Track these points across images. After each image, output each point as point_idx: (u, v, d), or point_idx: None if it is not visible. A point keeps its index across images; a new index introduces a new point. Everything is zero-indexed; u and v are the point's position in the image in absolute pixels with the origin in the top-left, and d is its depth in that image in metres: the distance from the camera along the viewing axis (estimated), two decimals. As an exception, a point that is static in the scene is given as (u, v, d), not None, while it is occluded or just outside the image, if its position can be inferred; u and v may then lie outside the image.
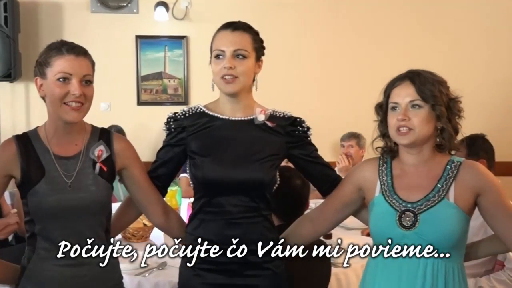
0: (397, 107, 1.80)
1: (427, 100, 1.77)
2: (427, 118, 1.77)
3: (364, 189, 1.91)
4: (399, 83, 1.82)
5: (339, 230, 3.45)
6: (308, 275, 2.36)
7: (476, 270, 2.96)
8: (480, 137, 3.19)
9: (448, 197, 1.76)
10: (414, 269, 1.75)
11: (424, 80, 1.78)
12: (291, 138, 1.98)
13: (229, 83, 1.90)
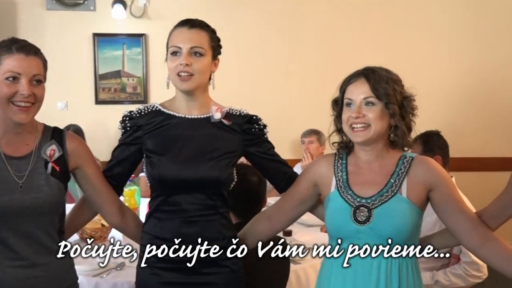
0: (351, 103, 1.83)
1: (380, 98, 1.80)
2: (380, 115, 1.80)
3: (319, 185, 1.93)
4: (355, 80, 1.84)
5: (299, 227, 3.49)
6: (266, 272, 2.37)
7: (432, 264, 3.02)
8: (435, 134, 3.25)
9: (400, 192, 1.79)
10: (369, 262, 1.77)
11: (379, 78, 1.81)
12: (248, 135, 1.98)
13: (185, 81, 1.89)
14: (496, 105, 5.58)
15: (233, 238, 1.98)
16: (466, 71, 5.54)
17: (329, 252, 1.89)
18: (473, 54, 5.56)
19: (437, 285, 2.94)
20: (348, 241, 1.81)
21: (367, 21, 5.43)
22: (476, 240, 1.79)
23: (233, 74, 5.17)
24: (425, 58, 5.47)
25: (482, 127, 5.57)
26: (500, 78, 5.57)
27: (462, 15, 5.55)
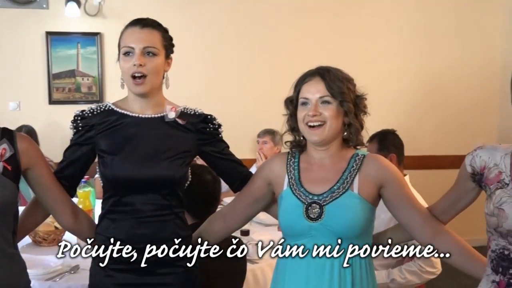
0: (307, 102, 1.84)
1: (336, 96, 1.82)
2: (336, 113, 1.83)
3: (273, 184, 1.94)
4: (310, 79, 1.86)
5: (257, 226, 3.50)
6: (223, 271, 2.36)
7: (387, 261, 3.06)
8: (390, 133, 3.31)
9: (352, 188, 1.82)
10: (322, 263, 1.79)
11: (333, 76, 1.83)
12: (202, 135, 1.98)
13: (139, 85, 1.88)
14: (449, 104, 5.73)
15: (188, 238, 1.97)
16: (420, 71, 5.67)
17: (281, 250, 1.90)
18: (426, 55, 5.70)
19: (393, 283, 2.98)
20: (301, 238, 1.82)
21: (322, 22, 5.49)
22: (428, 234, 1.83)
23: (192, 74, 5.18)
24: (380, 58, 5.57)
25: (436, 126, 5.71)
26: (452, 77, 5.72)
27: (414, 16, 5.68)
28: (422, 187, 3.18)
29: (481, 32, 5.80)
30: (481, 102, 5.76)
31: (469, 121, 5.76)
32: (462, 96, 5.74)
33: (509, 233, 1.57)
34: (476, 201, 1.81)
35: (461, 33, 5.75)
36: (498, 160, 1.66)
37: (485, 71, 5.70)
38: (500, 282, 1.61)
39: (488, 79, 5.71)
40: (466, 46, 5.76)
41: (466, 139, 5.39)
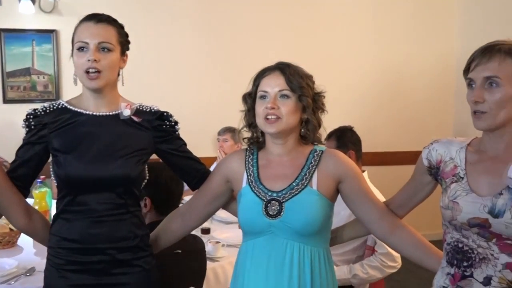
0: (266, 96, 1.84)
1: (295, 90, 1.82)
2: (294, 108, 1.83)
3: (232, 181, 1.93)
4: (269, 73, 1.85)
5: (217, 224, 3.49)
6: (183, 270, 2.35)
7: (348, 256, 3.09)
8: (348, 130, 3.34)
9: (311, 184, 1.82)
10: (281, 255, 1.79)
11: (293, 71, 1.84)
12: (159, 132, 1.95)
13: (93, 79, 1.84)
14: (406, 100, 5.84)
15: (145, 237, 1.94)
16: (377, 68, 5.76)
17: (241, 248, 1.90)
18: (382, 52, 5.78)
19: (355, 279, 3.00)
20: (261, 235, 1.81)
21: (280, 19, 5.50)
22: (385, 229, 1.86)
23: (150, 71, 5.12)
24: (337, 55, 5.62)
25: (393, 123, 5.79)
26: (408, 74, 5.83)
27: (371, 13, 5.76)
28: (380, 183, 3.21)
29: (437, 28, 5.92)
30: (437, 97, 5.87)
31: (426, 117, 5.87)
32: (418, 92, 5.85)
33: (463, 226, 1.60)
34: (433, 195, 1.84)
35: (417, 29, 5.86)
36: (454, 154, 1.69)
37: (441, 66, 5.82)
38: (454, 275, 1.63)
39: (443, 75, 5.83)
40: (422, 42, 5.87)
41: (422, 135, 5.47)
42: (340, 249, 2.98)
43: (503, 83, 1.53)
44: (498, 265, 1.55)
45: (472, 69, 1.59)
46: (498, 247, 1.55)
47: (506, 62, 1.54)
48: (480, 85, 1.57)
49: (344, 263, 3.05)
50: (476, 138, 1.70)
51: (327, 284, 1.84)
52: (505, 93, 1.54)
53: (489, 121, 1.56)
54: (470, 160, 1.65)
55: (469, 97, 1.60)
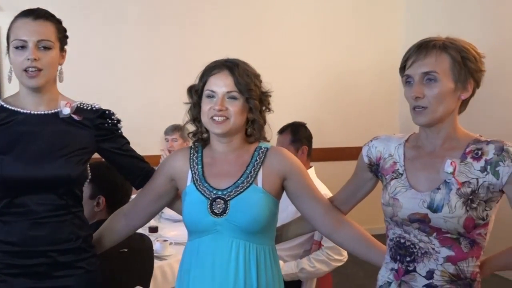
0: (213, 95, 1.81)
1: (243, 92, 1.81)
2: (241, 109, 1.82)
3: (176, 179, 1.91)
4: (218, 71, 1.82)
5: (166, 223, 3.47)
6: (128, 269, 2.32)
7: (295, 251, 3.12)
8: (302, 125, 3.39)
9: (256, 182, 1.82)
10: (227, 253, 1.78)
11: (242, 72, 1.82)
12: (100, 131, 1.91)
13: (33, 77, 1.79)
14: (353, 97, 5.93)
15: (87, 238, 1.90)
16: (323, 65, 5.82)
17: (187, 246, 1.88)
18: (329, 49, 5.86)
19: (302, 273, 3.03)
20: (206, 234, 1.81)
21: (229, 16, 5.49)
22: (330, 225, 1.87)
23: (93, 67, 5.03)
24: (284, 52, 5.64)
25: (340, 119, 5.89)
26: (355, 71, 5.91)
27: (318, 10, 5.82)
28: (328, 179, 3.26)
29: (382, 25, 6.03)
30: (383, 93, 5.98)
31: (372, 113, 5.97)
32: (364, 88, 5.95)
33: (404, 222, 1.63)
34: (376, 191, 1.86)
35: (362, 26, 5.96)
36: (392, 150, 1.72)
37: (386, 62, 5.91)
38: (398, 270, 1.67)
39: (389, 71, 5.91)
40: (367, 39, 5.97)
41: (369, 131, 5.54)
42: (287, 244, 3.00)
43: (441, 77, 1.57)
44: (440, 258, 1.59)
45: (409, 66, 1.63)
46: (438, 241, 1.59)
47: (442, 57, 1.58)
48: (419, 81, 1.60)
49: (292, 258, 3.08)
50: (414, 134, 1.74)
51: (273, 282, 1.85)
52: (443, 88, 1.57)
53: (430, 116, 1.59)
54: (408, 156, 1.69)
55: (408, 93, 1.63)
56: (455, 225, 1.55)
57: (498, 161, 1.54)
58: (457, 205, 1.55)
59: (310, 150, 3.36)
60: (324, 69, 5.81)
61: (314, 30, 5.78)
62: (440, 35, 1.65)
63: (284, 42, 5.66)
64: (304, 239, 3.08)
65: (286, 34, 5.68)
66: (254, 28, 5.57)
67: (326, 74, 5.82)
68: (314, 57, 5.78)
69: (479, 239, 1.60)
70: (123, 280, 2.29)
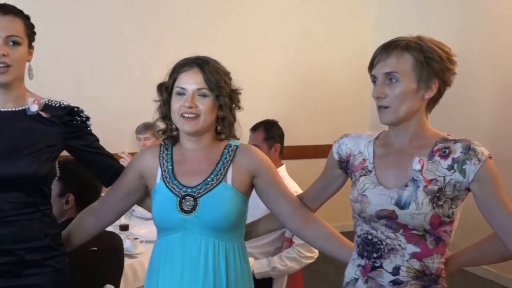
0: (184, 93, 1.81)
1: (213, 89, 1.81)
2: (212, 107, 1.82)
3: (145, 177, 1.90)
4: (188, 68, 1.82)
5: (136, 221, 3.45)
6: (98, 268, 2.31)
7: (266, 248, 3.14)
8: (275, 123, 3.43)
9: (226, 179, 1.82)
10: (196, 250, 1.79)
11: (212, 69, 1.82)
12: (69, 128, 1.89)
13: (2, 74, 1.77)
14: (324, 96, 5.98)
15: (56, 236, 1.88)
16: (295, 64, 5.85)
17: (157, 244, 1.88)
18: (302, 47, 5.89)
19: (274, 271, 3.06)
20: (175, 231, 1.81)
21: (199, 14, 5.47)
22: (298, 222, 1.89)
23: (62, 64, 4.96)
24: (256, 50, 5.66)
25: (312, 117, 5.92)
26: (326, 70, 5.96)
27: (291, 9, 5.84)
28: (299, 176, 3.28)
29: (354, 23, 6.09)
30: (354, 92, 6.03)
31: (344, 111, 6.03)
32: (336, 86, 6.00)
33: (372, 218, 1.65)
34: (346, 188, 1.88)
35: (335, 24, 6.01)
36: (362, 147, 1.74)
37: (358, 62, 5.94)
38: (365, 266, 1.69)
39: (360, 70, 5.95)
40: (339, 38, 6.02)
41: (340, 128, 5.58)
42: (259, 242, 3.02)
43: (402, 78, 1.60)
44: (406, 255, 1.62)
45: (374, 65, 1.66)
46: (405, 237, 1.62)
47: (404, 57, 1.60)
48: (382, 81, 1.63)
49: (263, 255, 3.10)
50: (383, 132, 1.76)
51: (242, 279, 1.85)
52: (404, 88, 1.60)
53: (392, 115, 1.62)
54: (377, 153, 1.71)
55: (373, 93, 1.66)
56: (421, 222, 1.58)
57: (465, 160, 1.58)
58: (424, 202, 1.58)
59: (282, 148, 3.39)
60: (295, 68, 5.84)
61: (285, 28, 5.80)
62: (410, 34, 1.67)
63: (255, 40, 5.67)
64: (275, 237, 3.10)
65: (257, 32, 5.69)
66: (224, 26, 5.56)
67: (297, 72, 5.85)
68: (285, 55, 5.80)
69: (445, 236, 1.63)
70: (93, 278, 2.27)
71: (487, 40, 4.78)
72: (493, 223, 1.61)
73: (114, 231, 2.65)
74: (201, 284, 1.78)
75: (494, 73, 4.76)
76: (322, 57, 5.93)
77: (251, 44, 5.62)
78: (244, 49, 5.51)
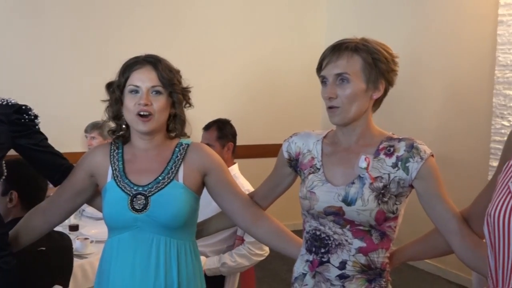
0: (137, 90, 1.81)
1: (167, 87, 1.82)
2: (165, 104, 1.83)
3: (96, 176, 1.89)
4: (140, 67, 1.82)
5: (87, 221, 3.41)
6: (47, 268, 2.28)
7: (218, 247, 3.15)
8: (228, 122, 3.44)
9: (177, 178, 1.83)
10: (147, 249, 1.79)
11: (165, 67, 1.83)
12: (17, 126, 1.85)
13: None
14: (277, 95, 6.03)
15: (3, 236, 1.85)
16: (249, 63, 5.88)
17: (107, 243, 1.87)
18: (256, 48, 5.91)
19: (224, 267, 3.07)
20: (127, 230, 1.80)
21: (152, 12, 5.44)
22: (249, 219, 1.91)
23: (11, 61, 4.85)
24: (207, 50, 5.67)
25: (264, 117, 5.96)
26: (279, 70, 6.02)
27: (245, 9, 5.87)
28: (252, 176, 3.30)
29: (308, 23, 6.16)
30: (306, 92, 6.09)
31: (296, 110, 6.09)
32: (289, 86, 6.06)
33: (320, 214, 1.69)
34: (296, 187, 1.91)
35: (288, 24, 6.07)
36: (311, 146, 1.78)
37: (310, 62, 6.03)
38: (313, 261, 1.73)
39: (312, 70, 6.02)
40: (292, 38, 6.08)
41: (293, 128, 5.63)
42: (210, 240, 3.03)
43: (352, 78, 1.64)
44: (352, 249, 1.67)
45: (324, 67, 1.69)
46: (351, 233, 1.66)
47: (354, 59, 1.65)
48: (332, 81, 1.67)
49: (215, 254, 3.11)
50: (332, 131, 1.80)
51: (194, 277, 1.86)
52: (354, 88, 1.65)
53: (342, 115, 1.66)
54: (326, 152, 1.75)
55: (323, 93, 1.70)
56: (367, 217, 1.63)
57: (408, 158, 1.63)
58: (369, 199, 1.62)
59: (235, 147, 3.41)
60: (248, 68, 5.86)
61: (238, 27, 5.83)
62: (357, 35, 1.72)
63: (208, 38, 5.67)
64: (227, 235, 3.12)
65: (210, 30, 5.69)
66: (178, 24, 5.54)
67: (250, 72, 5.88)
68: (238, 54, 5.83)
69: (389, 232, 1.68)
70: (42, 279, 2.25)
71: (435, 43, 4.92)
72: (434, 218, 1.67)
73: (63, 231, 2.62)
74: (152, 283, 1.78)
75: (441, 76, 4.90)
76: (275, 58, 5.98)
77: (203, 43, 5.62)
78: (196, 47, 5.51)
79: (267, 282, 4.55)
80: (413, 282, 4.61)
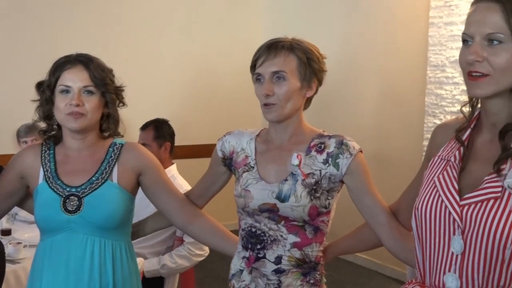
0: (69, 91, 1.78)
1: (99, 87, 1.80)
2: (98, 104, 1.81)
3: (27, 177, 1.86)
4: (71, 66, 1.80)
5: (20, 225, 3.32)
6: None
7: (157, 248, 3.13)
8: (165, 122, 3.43)
9: (111, 178, 1.82)
10: (82, 251, 1.77)
11: (97, 66, 1.81)
12: None
13: None
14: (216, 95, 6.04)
15: None
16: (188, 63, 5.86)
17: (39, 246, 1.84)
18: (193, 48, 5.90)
19: (164, 269, 3.05)
20: (59, 232, 1.78)
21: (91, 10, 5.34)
22: (185, 218, 1.92)
23: None
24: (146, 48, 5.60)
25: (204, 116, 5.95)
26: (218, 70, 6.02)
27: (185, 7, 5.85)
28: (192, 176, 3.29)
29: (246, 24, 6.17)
30: (245, 91, 6.04)
31: (235, 110, 6.09)
32: (229, 86, 6.06)
33: (255, 212, 1.72)
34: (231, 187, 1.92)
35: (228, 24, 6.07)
36: (245, 144, 1.80)
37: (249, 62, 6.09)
38: (249, 258, 1.75)
39: (251, 70, 6.12)
40: (231, 38, 6.08)
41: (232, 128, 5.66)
42: (149, 242, 3.02)
43: (289, 76, 1.68)
44: (287, 245, 1.70)
45: (259, 65, 1.72)
46: (286, 228, 1.70)
47: (290, 57, 1.69)
48: (269, 79, 1.70)
49: (154, 255, 3.09)
50: (264, 129, 1.84)
51: (129, 277, 1.85)
52: (290, 86, 1.68)
53: (278, 112, 1.70)
54: (259, 150, 1.78)
55: (258, 91, 1.72)
56: (300, 213, 1.67)
57: (338, 154, 1.68)
58: (302, 195, 1.66)
59: (173, 147, 3.40)
60: (186, 67, 5.84)
61: (176, 26, 5.79)
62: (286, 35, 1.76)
63: (146, 37, 5.61)
64: (166, 236, 3.10)
65: (148, 29, 5.63)
66: (114, 23, 5.44)
67: (188, 72, 5.85)
68: (177, 53, 5.79)
69: (322, 226, 1.73)
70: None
71: (370, 44, 5.03)
72: (363, 212, 1.73)
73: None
74: (87, 284, 1.76)
75: (376, 76, 5.02)
76: (214, 58, 5.98)
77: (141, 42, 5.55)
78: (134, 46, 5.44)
79: (207, 282, 4.54)
80: (351, 277, 4.71)
